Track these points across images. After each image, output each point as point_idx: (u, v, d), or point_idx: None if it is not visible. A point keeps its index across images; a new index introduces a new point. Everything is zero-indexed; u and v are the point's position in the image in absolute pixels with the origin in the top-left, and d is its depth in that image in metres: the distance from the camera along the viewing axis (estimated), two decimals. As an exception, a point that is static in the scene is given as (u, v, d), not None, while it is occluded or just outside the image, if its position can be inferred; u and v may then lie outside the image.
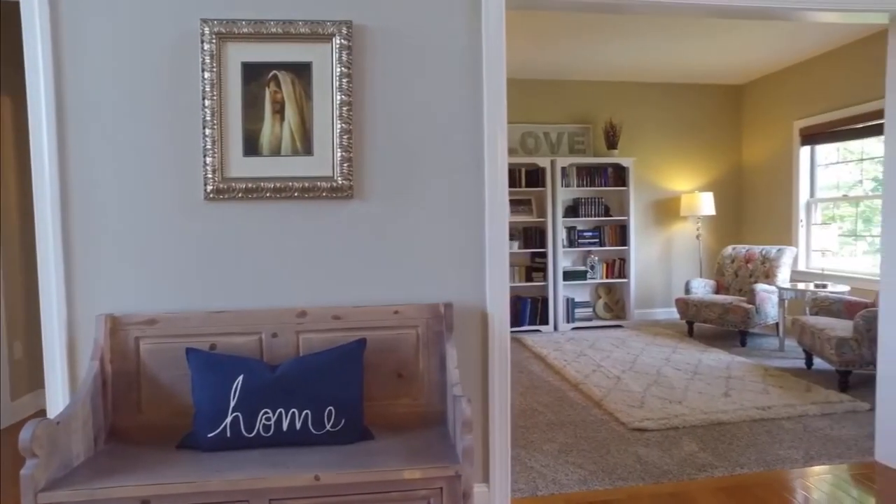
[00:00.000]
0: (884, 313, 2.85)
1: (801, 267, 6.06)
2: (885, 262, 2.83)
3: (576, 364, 4.76)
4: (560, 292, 6.31)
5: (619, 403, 3.73)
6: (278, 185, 2.27)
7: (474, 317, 2.40)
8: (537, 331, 6.26)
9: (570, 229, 6.42)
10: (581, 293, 6.63)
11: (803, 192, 6.08)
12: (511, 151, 6.48)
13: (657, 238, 6.87)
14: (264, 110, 2.26)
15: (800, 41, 5.34)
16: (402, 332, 2.29)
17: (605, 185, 6.43)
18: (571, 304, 6.41)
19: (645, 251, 6.82)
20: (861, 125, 5.29)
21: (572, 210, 6.45)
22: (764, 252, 5.82)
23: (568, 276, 6.36)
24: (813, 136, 5.89)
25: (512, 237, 6.32)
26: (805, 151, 6.05)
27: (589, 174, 6.41)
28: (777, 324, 5.33)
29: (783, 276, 5.54)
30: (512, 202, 6.35)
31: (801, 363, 4.67)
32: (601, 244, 6.46)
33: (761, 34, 5.12)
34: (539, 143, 6.55)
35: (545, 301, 6.31)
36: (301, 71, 2.27)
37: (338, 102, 2.28)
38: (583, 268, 6.46)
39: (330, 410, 2.04)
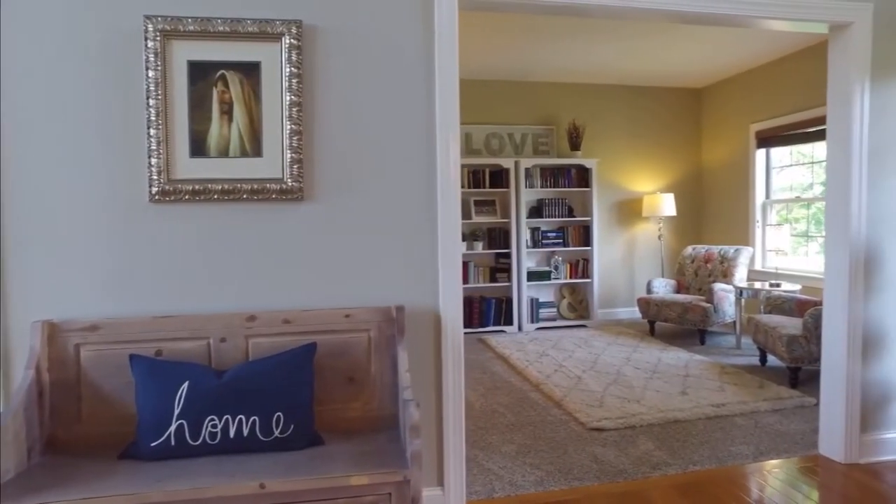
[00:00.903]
0: (827, 313, 2.93)
1: (758, 266, 6.21)
2: (828, 264, 2.92)
3: (538, 364, 4.79)
4: (524, 293, 6.35)
5: (578, 403, 3.76)
6: (226, 186, 2.22)
7: (427, 319, 2.38)
8: (501, 331, 6.29)
9: (534, 230, 6.46)
10: (545, 293, 6.68)
11: (759, 194, 6.23)
12: (475, 152, 6.49)
13: (620, 238, 6.97)
14: (212, 110, 2.21)
15: (755, 47, 5.47)
16: (353, 335, 2.26)
17: (569, 186, 6.49)
18: (535, 305, 6.45)
19: (608, 251, 6.90)
20: (812, 129, 5.45)
21: (536, 211, 6.50)
22: (722, 252, 5.94)
23: (532, 276, 6.40)
24: (768, 140, 6.04)
25: (476, 238, 6.33)
26: (761, 154, 6.21)
27: (552, 175, 6.46)
28: (735, 322, 5.45)
29: (740, 276, 5.67)
30: (476, 203, 6.37)
31: (757, 360, 4.78)
32: (565, 245, 6.52)
33: (719, 40, 5.23)
34: (503, 143, 6.58)
35: (509, 301, 6.34)
36: (250, 71, 2.23)
37: (287, 103, 2.24)
38: (547, 268, 6.50)
39: (279, 416, 2.00)
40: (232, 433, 1.95)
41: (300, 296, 2.29)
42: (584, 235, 6.56)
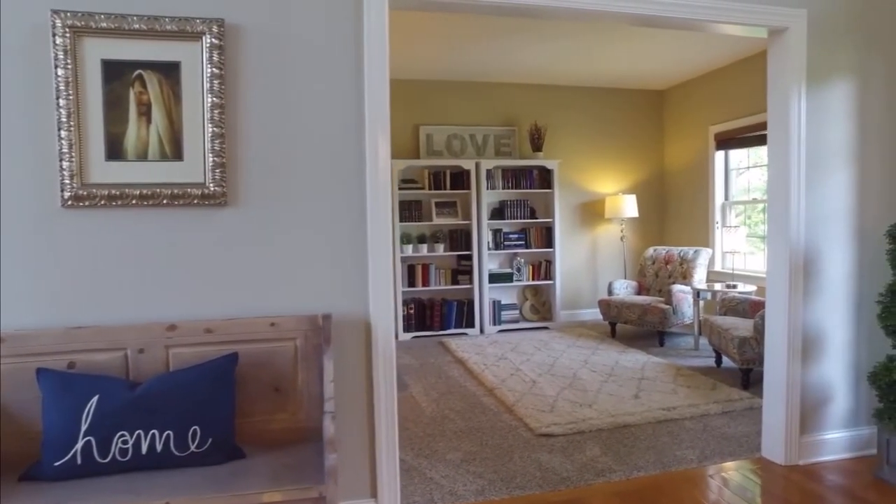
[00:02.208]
0: (769, 315, 2.94)
1: (717, 267, 6.26)
2: (770, 267, 2.92)
3: (494, 368, 4.75)
4: (486, 295, 6.31)
5: (529, 409, 3.73)
6: (145, 191, 2.13)
7: (357, 327, 2.32)
8: (463, 334, 6.24)
9: (495, 231, 6.43)
10: (507, 295, 6.65)
11: (719, 196, 6.28)
12: (437, 154, 6.44)
13: (582, 240, 6.97)
14: (129, 112, 2.12)
15: (714, 50, 5.51)
16: (279, 344, 2.19)
17: (531, 188, 6.47)
18: (498, 307, 6.42)
19: (571, 253, 6.90)
20: (765, 132, 5.49)
21: (498, 212, 6.47)
22: (682, 253, 5.97)
23: (494, 278, 6.37)
24: (726, 142, 6.09)
25: (437, 240, 6.28)
26: (720, 156, 6.26)
27: (514, 176, 6.44)
28: (693, 323, 5.48)
29: (699, 277, 5.71)
30: (437, 205, 6.31)
31: (713, 362, 4.81)
32: (527, 246, 6.50)
33: (679, 42, 5.25)
34: (465, 145, 6.53)
35: (471, 304, 6.30)
36: (169, 71, 2.14)
37: (209, 105, 2.16)
38: (509, 270, 6.48)
39: (195, 430, 1.92)
40: (144, 449, 1.87)
41: (224, 304, 2.21)
42: (547, 237, 6.54)
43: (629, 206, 6.67)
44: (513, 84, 6.65)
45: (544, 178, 6.52)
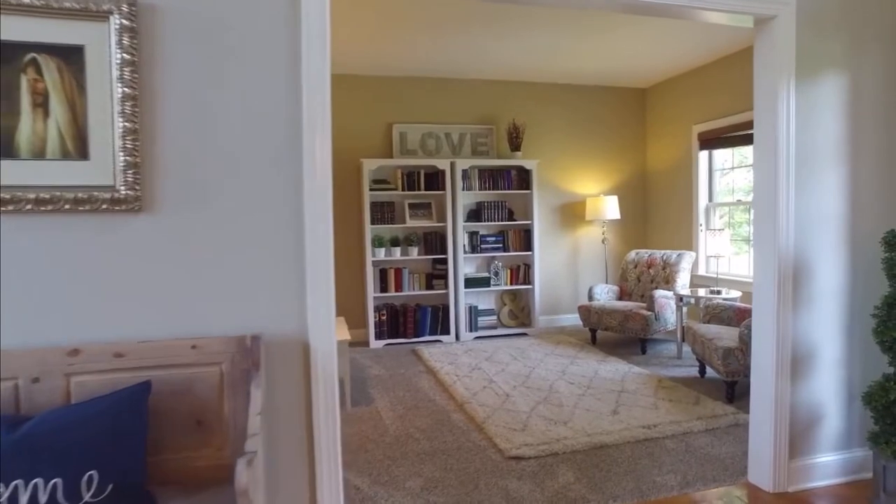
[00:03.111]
0: (756, 326, 2.70)
1: (701, 271, 6.05)
2: (757, 274, 2.69)
3: (467, 380, 4.49)
4: (462, 300, 6.05)
5: (500, 427, 3.47)
6: (43, 195, 1.84)
7: (294, 349, 2.04)
8: (438, 341, 5.98)
9: (472, 234, 6.17)
10: (485, 300, 6.40)
11: (703, 197, 6.07)
12: (410, 153, 6.17)
13: (563, 243, 6.74)
14: (21, 102, 1.82)
15: (696, 46, 5.30)
16: (201, 370, 1.91)
17: (509, 189, 6.22)
18: (474, 313, 6.17)
19: (550, 256, 6.66)
20: (750, 131, 5.29)
21: (475, 214, 6.21)
22: (665, 257, 5.76)
23: (470, 283, 6.12)
24: (710, 141, 5.89)
25: (411, 243, 6.00)
26: (704, 156, 6.05)
27: (492, 177, 6.18)
28: (676, 330, 5.25)
29: (683, 282, 5.49)
30: (411, 206, 6.04)
31: (696, 371, 4.58)
32: (505, 249, 6.25)
33: (661, 38, 5.03)
34: (440, 144, 6.27)
35: (446, 310, 6.04)
36: (70, 55, 1.85)
37: (119, 96, 1.87)
38: (486, 274, 6.23)
39: (91, 475, 1.63)
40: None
41: (137, 324, 1.92)
42: (526, 240, 6.30)
43: (611, 208, 6.45)
44: (490, 80, 6.40)
45: (523, 178, 6.27)
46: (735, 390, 3.84)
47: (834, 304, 2.67)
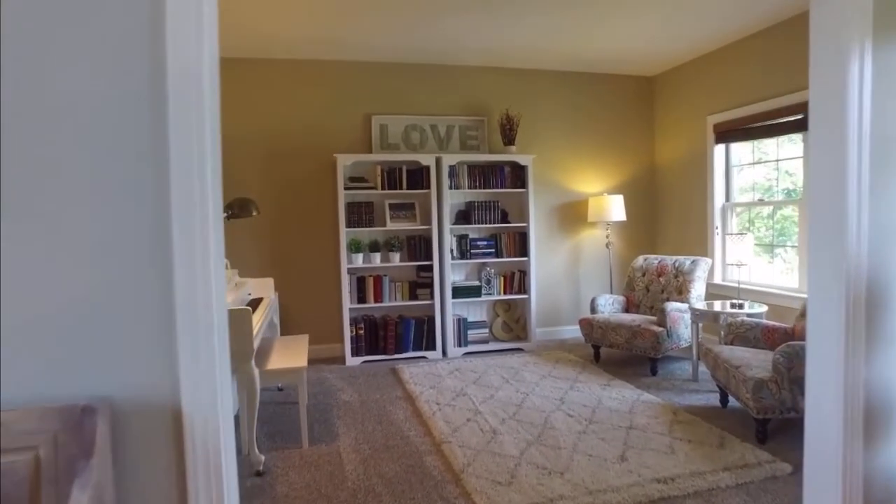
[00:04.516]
0: (812, 371, 2.05)
1: (717, 279, 5.40)
2: (814, 302, 2.04)
3: (449, 410, 3.84)
4: (449, 311, 5.41)
5: (482, 478, 2.82)
6: None
7: (158, 420, 1.40)
8: (422, 358, 5.34)
9: (461, 238, 5.52)
10: (475, 311, 5.75)
11: (718, 196, 5.42)
12: (392, 147, 5.53)
13: (562, 247, 6.09)
14: None
15: (710, 28, 4.65)
16: (6, 460, 1.27)
17: (502, 187, 5.57)
18: (464, 325, 5.52)
19: (549, 262, 6.01)
20: (775, 122, 4.64)
21: (464, 216, 5.56)
22: (677, 263, 5.11)
23: (459, 292, 5.47)
24: (727, 134, 5.23)
25: (392, 248, 5.36)
26: (720, 150, 5.40)
27: (483, 174, 5.54)
28: (691, 346, 4.61)
29: (697, 292, 4.84)
30: (392, 207, 5.40)
31: (715, 399, 3.93)
32: (498, 255, 5.60)
33: (670, 18, 4.39)
34: (425, 137, 5.62)
35: (432, 322, 5.39)
36: None
37: None
38: (477, 282, 5.58)
39: None
40: None
41: None
42: (521, 244, 5.65)
43: (616, 209, 5.80)
44: (481, 68, 5.75)
45: (517, 175, 5.62)
46: (767, 428, 3.19)
47: (917, 339, 2.02)
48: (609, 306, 5.24)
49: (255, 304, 3.93)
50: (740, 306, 4.20)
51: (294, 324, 5.34)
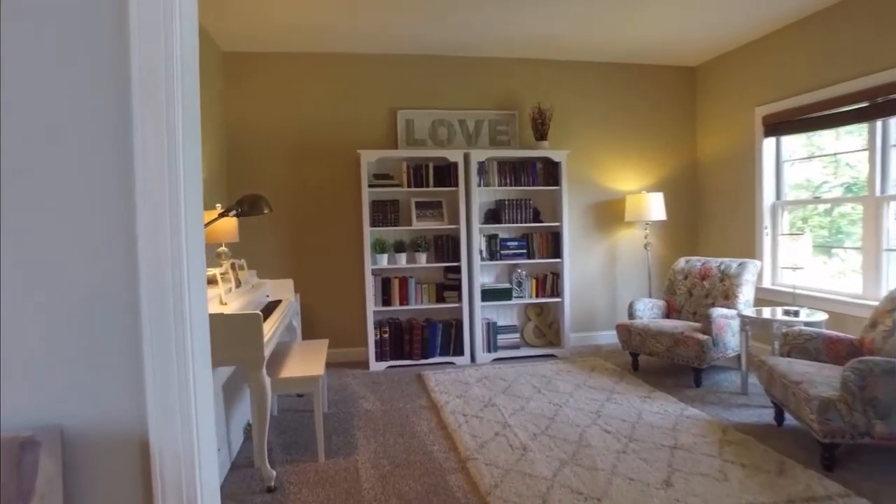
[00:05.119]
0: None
1: (767, 283, 5.01)
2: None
3: (476, 422, 3.58)
4: (478, 315, 5.14)
5: (510, 502, 2.56)
6: None
7: (121, 456, 1.17)
8: (449, 363, 5.09)
9: (490, 238, 5.25)
10: (505, 315, 5.47)
11: (768, 193, 5.03)
12: (418, 143, 5.29)
13: (598, 248, 5.76)
14: None
15: (762, 11, 4.28)
16: (-66, 500, 1.06)
17: (534, 184, 5.29)
18: (493, 330, 5.25)
19: (583, 264, 5.70)
20: (834, 111, 4.25)
21: (493, 215, 5.29)
22: (723, 266, 4.75)
23: (488, 294, 5.20)
24: (778, 126, 4.84)
25: (418, 248, 5.12)
26: (769, 144, 5.01)
27: (513, 170, 5.26)
28: (739, 356, 4.25)
29: (746, 297, 4.47)
30: (418, 205, 5.16)
31: (769, 415, 3.58)
32: (529, 256, 5.31)
33: (716, 3, 4.06)
34: (453, 132, 5.37)
35: (460, 326, 5.13)
36: None
37: None
38: (507, 285, 5.30)
39: None
40: None
41: None
42: (554, 244, 5.35)
43: (655, 207, 5.45)
44: (512, 59, 5.47)
45: (550, 172, 5.32)
46: (835, 454, 2.84)
47: None
48: (648, 311, 4.90)
49: (272, 306, 3.74)
50: (796, 313, 3.84)
51: (316, 327, 5.15)
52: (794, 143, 4.90)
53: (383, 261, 5.02)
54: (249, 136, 5.05)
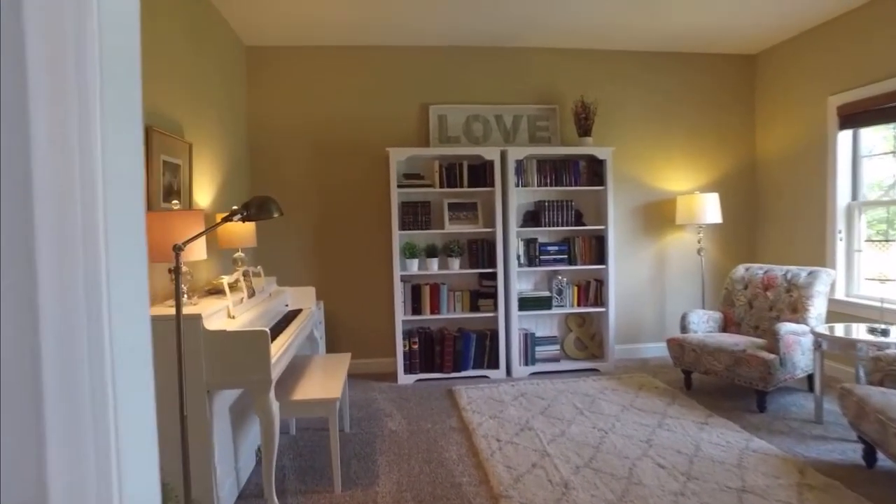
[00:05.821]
0: None
1: (840, 295, 4.47)
2: None
3: (510, 449, 3.21)
4: (515, 325, 4.76)
5: (551, 558, 2.18)
6: None
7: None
8: (483, 377, 4.72)
9: (529, 242, 4.86)
10: (544, 326, 5.07)
11: (842, 193, 4.49)
12: (452, 140, 4.95)
13: (646, 253, 5.31)
14: None
15: (840, -19, 3.79)
16: None
17: (576, 184, 4.88)
18: (531, 341, 4.86)
19: (629, 270, 5.25)
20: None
21: (532, 217, 4.90)
22: (789, 275, 4.24)
23: (526, 303, 4.81)
24: (855, 116, 4.31)
25: (451, 253, 4.77)
26: (844, 137, 4.47)
27: (554, 169, 4.86)
28: (811, 377, 3.75)
29: (818, 311, 3.97)
30: (451, 207, 4.81)
31: (855, 452, 3.09)
32: (571, 262, 4.91)
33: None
34: (489, 129, 5.01)
35: (495, 337, 4.76)
36: None
37: None
38: (547, 293, 4.90)
39: None
40: None
41: None
42: (598, 249, 4.93)
43: (709, 209, 4.97)
44: (552, 49, 5.07)
45: (594, 171, 4.90)
46: (944, 507, 2.36)
47: None
48: (703, 324, 4.43)
49: (290, 316, 3.46)
50: (884, 332, 3.33)
51: (340, 337, 4.86)
52: (875, 136, 4.36)
53: (413, 266, 4.69)
54: (272, 133, 4.80)
